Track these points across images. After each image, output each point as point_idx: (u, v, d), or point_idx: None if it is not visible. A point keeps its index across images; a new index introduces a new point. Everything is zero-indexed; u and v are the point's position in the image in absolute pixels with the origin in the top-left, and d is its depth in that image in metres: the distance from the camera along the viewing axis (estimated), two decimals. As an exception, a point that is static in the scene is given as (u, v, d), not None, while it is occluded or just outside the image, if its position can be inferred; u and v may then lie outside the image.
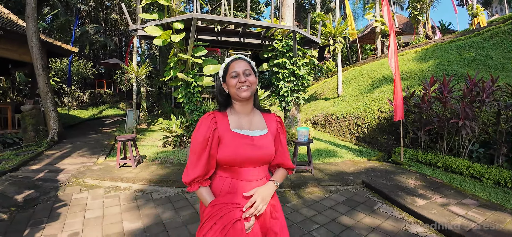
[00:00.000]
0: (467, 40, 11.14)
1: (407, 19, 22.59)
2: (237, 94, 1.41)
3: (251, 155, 1.38)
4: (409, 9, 20.11)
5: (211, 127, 1.39)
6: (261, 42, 8.21)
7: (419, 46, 13.78)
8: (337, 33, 12.20)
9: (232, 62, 1.45)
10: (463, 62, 9.37)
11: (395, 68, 5.70)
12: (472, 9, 18.78)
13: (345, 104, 10.39)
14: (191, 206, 4.01)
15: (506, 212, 3.55)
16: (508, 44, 9.40)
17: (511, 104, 4.87)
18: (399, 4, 29.66)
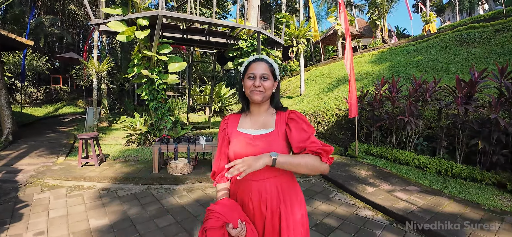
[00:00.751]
0: (417, 45, 12.15)
1: (367, 23, 23.90)
2: (250, 97, 1.43)
3: (246, 153, 1.36)
4: (368, 14, 21.36)
5: (222, 129, 1.53)
6: (227, 41, 8.37)
7: (375, 49, 14.73)
8: (300, 35, 12.67)
9: (253, 62, 1.44)
10: (413, 65, 10.24)
11: (350, 70, 6.16)
12: (426, 16, 20.40)
13: (307, 102, 10.87)
14: (158, 201, 4.08)
15: (445, 197, 4.07)
16: (454, 49, 10.42)
17: (451, 103, 5.50)
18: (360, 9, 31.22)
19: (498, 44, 9.50)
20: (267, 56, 1.47)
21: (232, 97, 14.85)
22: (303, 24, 13.24)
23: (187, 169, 5.04)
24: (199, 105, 13.73)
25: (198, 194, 4.37)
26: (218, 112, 13.92)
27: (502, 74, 4.91)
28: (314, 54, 22.67)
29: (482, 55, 9.23)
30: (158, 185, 4.77)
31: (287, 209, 1.39)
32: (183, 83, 17.79)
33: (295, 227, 1.40)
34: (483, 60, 8.84)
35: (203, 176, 4.95)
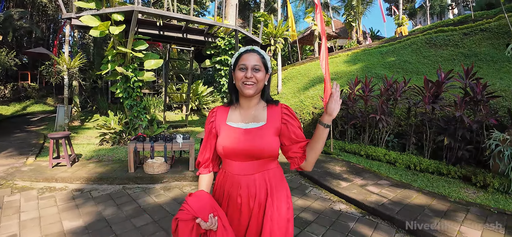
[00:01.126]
0: (390, 47, 12.63)
1: (343, 24, 24.48)
2: (241, 89, 1.37)
3: (237, 147, 1.34)
4: (344, 15, 21.91)
5: (209, 121, 1.47)
6: (204, 39, 8.32)
7: (350, 50, 15.16)
8: (278, 34, 12.79)
9: (244, 53, 1.38)
10: (385, 66, 10.65)
11: (325, 69, 6.33)
12: (399, 19, 21.23)
13: (284, 101, 11.02)
14: (134, 201, 4.00)
15: (413, 190, 4.30)
16: (424, 51, 10.93)
17: (419, 102, 5.79)
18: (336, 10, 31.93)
19: (465, 47, 10.08)
20: (258, 48, 1.42)
21: (210, 96, 14.75)
22: (281, 24, 13.37)
23: (164, 167, 4.98)
24: (176, 103, 13.51)
25: (175, 193, 4.34)
26: (195, 110, 13.81)
27: (467, 75, 5.24)
28: (292, 53, 22.93)
29: (450, 57, 9.76)
30: (134, 184, 4.67)
31: (274, 203, 1.38)
32: (159, 81, 17.46)
33: (279, 220, 1.37)
34: (450, 62, 9.35)
35: (180, 174, 4.91)
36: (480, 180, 4.39)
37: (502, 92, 5.94)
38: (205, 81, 15.86)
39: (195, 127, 10.28)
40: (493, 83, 6.56)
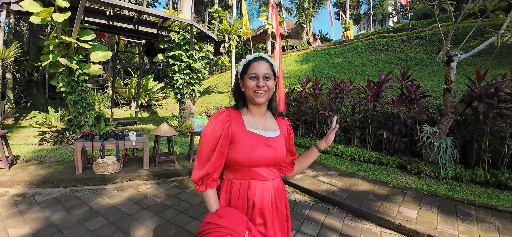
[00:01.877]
0: (337, 49, 13.47)
1: (295, 25, 25.38)
2: (253, 98, 1.34)
3: (266, 155, 1.34)
4: (296, 17, 22.73)
5: (225, 124, 1.33)
6: (157, 32, 8.04)
7: (301, 50, 15.84)
8: (232, 31, 12.87)
9: (253, 61, 1.36)
10: (333, 66, 11.35)
11: (279, 68, 6.58)
12: (345, 24, 22.64)
13: (239, 98, 11.16)
14: (85, 204, 3.76)
15: (359, 178, 4.77)
16: (367, 54, 11.87)
17: (362, 100, 6.32)
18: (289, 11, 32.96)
19: (402, 52, 11.17)
20: (266, 55, 1.43)
21: (160, 92, 14.23)
22: (236, 21, 13.45)
23: (116, 167, 4.75)
24: (124, 99, 12.77)
25: (130, 193, 4.18)
26: (145, 107, 13.20)
27: (404, 77, 5.86)
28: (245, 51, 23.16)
29: (389, 61, 10.74)
30: (83, 186, 4.37)
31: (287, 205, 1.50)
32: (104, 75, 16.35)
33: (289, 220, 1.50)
34: (390, 65, 10.29)
35: (134, 173, 4.73)
36: (414, 168, 5.01)
37: (432, 92, 6.74)
38: (155, 77, 15.23)
39: (146, 124, 9.88)
40: (425, 84, 7.42)
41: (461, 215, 3.51)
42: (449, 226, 3.24)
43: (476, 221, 3.37)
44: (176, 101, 8.79)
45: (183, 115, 8.73)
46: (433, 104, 6.29)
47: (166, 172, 4.91)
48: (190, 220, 3.39)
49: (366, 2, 39.11)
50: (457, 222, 3.33)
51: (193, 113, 8.88)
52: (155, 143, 5.36)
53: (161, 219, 3.37)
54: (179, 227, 3.19)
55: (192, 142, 5.68)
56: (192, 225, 3.27)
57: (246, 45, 24.20)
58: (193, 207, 3.76)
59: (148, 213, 3.52)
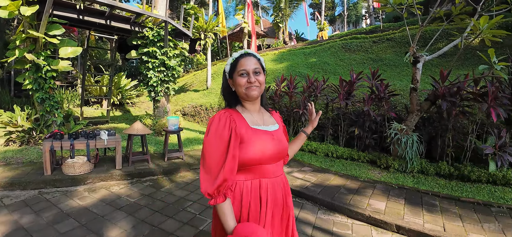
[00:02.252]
0: (312, 49, 13.75)
1: (271, 24, 25.57)
2: (246, 94, 1.32)
3: (275, 150, 1.33)
4: (273, 16, 22.93)
5: (231, 124, 1.26)
6: (130, 28, 7.81)
7: (277, 49, 16.01)
8: (208, 29, 12.77)
9: (241, 58, 1.34)
10: (308, 66, 11.58)
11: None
12: (320, 24, 23.10)
13: (214, 96, 11.12)
14: (55, 206, 3.61)
15: (331, 173, 4.94)
16: (340, 54, 12.21)
17: (335, 98, 6.51)
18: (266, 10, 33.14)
19: (373, 52, 11.60)
20: (252, 51, 1.41)
21: (134, 90, 13.84)
22: (212, 19, 13.38)
23: (87, 167, 4.59)
24: (95, 97, 12.30)
25: (102, 194, 4.06)
26: (118, 105, 12.78)
27: (374, 77, 6.10)
28: (221, 49, 23.06)
29: (361, 61, 11.11)
30: (52, 188, 4.19)
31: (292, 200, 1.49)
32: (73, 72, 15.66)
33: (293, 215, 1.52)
34: (361, 65, 10.65)
35: (106, 173, 4.59)
36: (383, 163, 5.25)
37: (400, 91, 7.07)
38: (128, 74, 14.78)
39: (118, 123, 9.58)
40: (395, 84, 7.76)
41: (426, 206, 3.73)
42: (415, 216, 3.43)
43: (441, 211, 3.59)
44: (150, 100, 8.61)
45: (158, 114, 8.57)
46: (401, 102, 6.59)
47: (140, 171, 4.81)
48: (165, 218, 3.37)
49: (341, 4, 40.15)
50: (423, 212, 3.54)
51: (167, 111, 8.74)
52: (128, 142, 5.24)
53: (135, 219, 3.31)
54: (154, 227, 3.16)
55: (166, 141, 5.60)
56: (167, 223, 3.25)
57: (223, 43, 24.09)
58: (168, 205, 3.73)
59: (122, 214, 3.44)
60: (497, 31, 4.66)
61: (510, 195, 4.08)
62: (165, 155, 5.51)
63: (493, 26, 4.62)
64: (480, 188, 4.38)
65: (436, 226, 3.21)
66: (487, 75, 4.54)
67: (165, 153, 5.54)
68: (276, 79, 7.98)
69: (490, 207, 3.76)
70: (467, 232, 3.09)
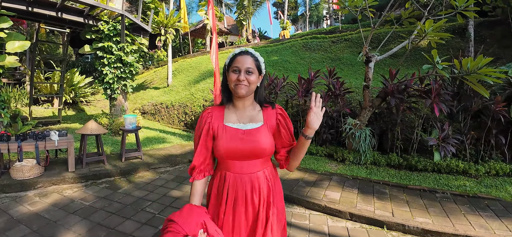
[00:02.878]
0: (274, 47, 13.98)
1: (235, 21, 25.52)
2: (234, 91, 1.39)
3: (240, 147, 1.37)
4: (236, 13, 22.89)
5: (206, 121, 1.43)
6: (84, 21, 7.37)
7: (239, 47, 16.00)
8: (169, 24, 12.45)
9: (238, 56, 1.39)
10: (270, 64, 11.77)
11: (215, 63, 6.64)
12: (283, 23, 23.50)
13: (175, 93, 10.90)
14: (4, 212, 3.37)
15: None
16: (301, 53, 12.55)
17: (295, 95, 6.71)
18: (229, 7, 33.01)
19: (332, 52, 12.09)
20: (252, 50, 1.44)
21: (88, 87, 13.00)
22: (173, 14, 13.05)
23: (37, 171, 4.29)
24: (45, 96, 11.38)
25: (54, 198, 3.83)
26: (71, 104, 11.93)
27: (330, 75, 6.39)
28: (183, 45, 22.57)
29: (320, 60, 11.53)
30: (1, 194, 3.89)
31: (275, 198, 1.47)
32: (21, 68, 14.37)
33: (279, 214, 1.48)
34: (321, 64, 11.04)
35: (58, 177, 4.33)
36: (340, 156, 5.55)
37: (355, 89, 7.47)
38: (82, 70, 13.89)
39: (71, 123, 9.00)
40: (351, 82, 8.17)
41: (377, 194, 4.03)
42: (367, 204, 3.69)
43: (390, 198, 3.90)
44: (106, 98, 8.21)
45: (114, 112, 8.21)
46: (356, 99, 6.98)
47: (95, 173, 4.61)
48: (122, 220, 3.28)
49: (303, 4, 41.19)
50: (374, 200, 3.82)
51: (125, 110, 8.39)
52: (82, 143, 4.97)
53: (90, 223, 3.19)
54: (111, 229, 3.07)
55: (123, 140, 5.39)
56: (125, 225, 3.17)
57: (185, 39, 23.58)
58: (126, 207, 3.63)
59: (76, 218, 3.30)
60: (441, 34, 5.13)
61: (453, 182, 4.55)
62: (123, 155, 5.32)
63: (437, 29, 5.07)
64: (426, 176, 4.82)
65: (386, 212, 3.49)
66: (431, 74, 4.98)
67: (123, 153, 5.35)
68: (237, 77, 8.03)
69: (435, 193, 4.16)
70: (414, 216, 3.40)
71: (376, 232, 3.22)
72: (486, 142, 5.05)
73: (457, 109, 5.21)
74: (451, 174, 4.86)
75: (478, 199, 3.98)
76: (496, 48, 9.24)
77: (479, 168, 4.77)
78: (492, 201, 3.91)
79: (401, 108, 5.28)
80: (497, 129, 4.89)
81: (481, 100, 4.96)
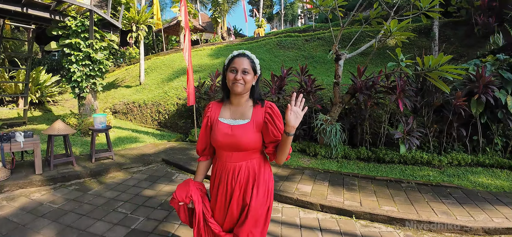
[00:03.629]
0: (249, 45, 14.05)
1: (210, 19, 25.28)
2: (231, 88, 1.59)
3: (226, 141, 1.59)
4: (211, 10, 22.69)
5: (206, 115, 1.73)
6: (51, 17, 7.04)
7: (214, 44, 15.98)
8: (141, 20, 12.17)
9: (236, 57, 1.58)
10: (245, 61, 11.85)
11: (188, 61, 6.63)
12: (259, 21, 23.59)
13: (147, 92, 10.69)
14: None
15: None
16: (275, 51, 12.72)
17: (268, 92, 6.82)
18: (204, 4, 32.61)
19: (306, 50, 12.35)
20: (249, 52, 1.62)
21: (56, 86, 12.38)
22: (145, 10, 12.76)
23: (3, 174, 4.08)
24: (9, 96, 10.74)
25: (22, 202, 3.68)
26: (37, 104, 11.32)
27: (302, 72, 6.55)
28: (157, 42, 22.07)
29: (294, 58, 11.74)
30: None
31: (254, 190, 1.63)
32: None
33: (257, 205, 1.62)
34: (295, 61, 11.24)
35: (25, 180, 4.14)
36: (312, 151, 5.75)
37: (327, 86, 7.70)
38: (49, 68, 13.24)
39: (38, 124, 8.56)
40: (323, 79, 8.41)
41: (347, 186, 4.23)
42: (336, 195, 3.87)
43: (359, 189, 4.11)
44: (74, 97, 7.89)
45: (84, 112, 7.92)
46: (327, 96, 7.20)
47: (64, 175, 4.46)
48: (93, 221, 3.22)
49: (278, 2, 41.54)
50: (344, 192, 4.00)
51: (95, 109, 8.12)
52: (49, 144, 4.78)
53: (60, 225, 3.11)
54: (82, 231, 3.01)
55: (93, 140, 5.23)
56: (96, 226, 3.12)
57: (158, 36, 23.03)
58: (97, 208, 3.56)
59: (45, 221, 3.19)
60: (406, 34, 5.42)
61: (418, 172, 4.86)
62: (92, 155, 5.17)
63: (403, 29, 5.35)
64: (393, 167, 5.11)
65: (354, 202, 3.68)
66: (396, 71, 5.25)
67: (92, 153, 5.19)
68: (211, 74, 8.04)
69: (400, 183, 4.43)
70: (380, 205, 3.61)
71: (346, 221, 3.39)
72: (448, 135, 5.42)
73: (420, 104, 5.54)
74: (416, 165, 5.19)
75: (441, 187, 4.29)
76: (460, 47, 9.88)
77: (442, 158, 5.12)
78: (454, 189, 4.23)
79: (369, 104, 5.53)
80: (458, 122, 5.26)
81: (442, 95, 5.32)
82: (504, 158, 5.16)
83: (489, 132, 5.34)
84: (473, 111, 5.05)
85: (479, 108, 5.03)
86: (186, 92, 7.05)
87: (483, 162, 5.13)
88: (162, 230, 3.08)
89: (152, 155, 5.81)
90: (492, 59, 5.59)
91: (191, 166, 4.95)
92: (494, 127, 5.25)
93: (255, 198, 1.62)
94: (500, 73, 5.17)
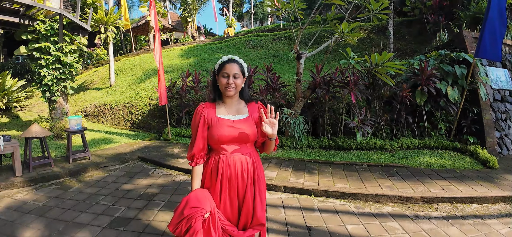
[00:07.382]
0: (219, 45, 14.42)
1: (179, 18, 25.11)
2: (224, 92, 1.73)
3: (232, 134, 1.69)
4: (180, 10, 22.60)
5: (201, 115, 1.74)
6: (19, 21, 7.03)
7: (185, 44, 16.16)
8: (109, 22, 12.14)
9: (227, 63, 1.70)
10: (214, 61, 12.19)
11: (159, 62, 6.94)
12: (229, 20, 23.80)
13: (118, 93, 10.76)
14: None
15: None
16: (244, 50, 13.20)
17: (240, 90, 7.30)
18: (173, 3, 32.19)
19: (274, 49, 12.94)
20: (237, 57, 1.76)
21: (22, 91, 12.00)
22: (113, 11, 12.72)
23: (-19, 176, 4.23)
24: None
25: (6, 202, 3.85)
26: (4, 111, 10.96)
27: (268, 70, 7.10)
28: (125, 43, 21.73)
29: (263, 56, 12.28)
30: None
31: (260, 178, 1.80)
32: None
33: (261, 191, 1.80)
34: (263, 60, 11.78)
35: (6, 182, 4.30)
36: (278, 142, 6.24)
37: (292, 82, 8.30)
38: (14, 73, 12.84)
39: (7, 131, 8.36)
40: (289, 76, 9.00)
41: (308, 170, 4.83)
42: (298, 178, 4.44)
43: (318, 172, 4.72)
44: (45, 101, 7.91)
45: (55, 115, 7.95)
46: (292, 91, 7.80)
47: (43, 175, 4.65)
48: (78, 214, 3.49)
49: (248, 1, 41.80)
50: (304, 175, 4.59)
51: (66, 112, 8.17)
52: (26, 147, 4.94)
53: (47, 219, 3.35)
54: (68, 222, 3.27)
55: (69, 141, 5.39)
56: (81, 217, 3.39)
57: (127, 36, 22.62)
58: (80, 202, 3.82)
59: (32, 216, 3.43)
60: (356, 34, 6.09)
61: (371, 156, 5.56)
62: (70, 156, 5.35)
63: (355, 30, 6.01)
64: (351, 153, 5.78)
65: (313, 182, 4.27)
66: (349, 68, 5.92)
67: (69, 154, 5.37)
68: (181, 74, 8.37)
69: (355, 165, 5.10)
70: (335, 184, 4.22)
71: (305, 199, 3.96)
72: (398, 122, 6.19)
73: (372, 96, 6.27)
74: (371, 150, 5.89)
75: (390, 167, 5.00)
76: (413, 44, 10.89)
77: (393, 143, 5.87)
78: (401, 168, 4.95)
79: (327, 98, 6.18)
80: (406, 111, 6.05)
81: (390, 88, 6.06)
82: (448, 141, 5.98)
83: (434, 118, 6.14)
84: (418, 101, 5.82)
85: (423, 98, 5.80)
86: (158, 92, 7.35)
87: (429, 145, 5.89)
88: (142, 216, 3.44)
89: (128, 153, 6.10)
90: (436, 54, 6.39)
91: (167, 161, 5.33)
92: (438, 113, 6.06)
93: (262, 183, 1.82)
94: (442, 67, 5.95)
